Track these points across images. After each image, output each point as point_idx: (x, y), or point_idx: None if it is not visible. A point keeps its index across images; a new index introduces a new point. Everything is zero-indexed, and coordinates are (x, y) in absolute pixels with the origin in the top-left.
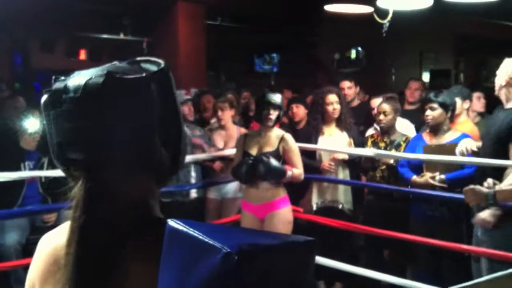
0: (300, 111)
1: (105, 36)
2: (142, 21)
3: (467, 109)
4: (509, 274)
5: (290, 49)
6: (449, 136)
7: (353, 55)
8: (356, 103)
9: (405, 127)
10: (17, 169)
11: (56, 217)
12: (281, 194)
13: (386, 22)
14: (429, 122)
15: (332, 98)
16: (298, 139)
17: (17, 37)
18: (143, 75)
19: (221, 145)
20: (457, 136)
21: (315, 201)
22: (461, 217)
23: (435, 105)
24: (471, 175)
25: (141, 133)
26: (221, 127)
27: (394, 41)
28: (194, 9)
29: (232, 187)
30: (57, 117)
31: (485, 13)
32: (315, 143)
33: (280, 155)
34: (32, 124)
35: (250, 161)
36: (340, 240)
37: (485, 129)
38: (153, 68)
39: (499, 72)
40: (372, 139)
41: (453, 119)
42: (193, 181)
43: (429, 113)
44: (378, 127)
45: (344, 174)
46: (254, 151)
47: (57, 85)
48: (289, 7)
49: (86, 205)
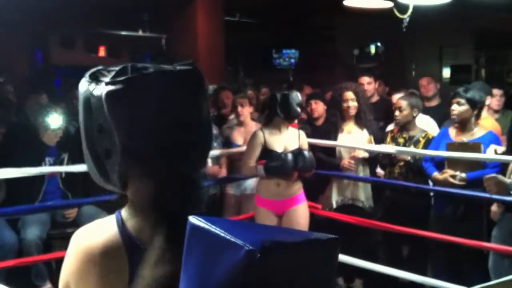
0: (319, 107)
1: (124, 32)
2: (160, 17)
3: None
4: None
5: (308, 45)
6: (476, 133)
7: (372, 50)
8: (375, 98)
9: (425, 124)
10: (38, 165)
11: (77, 212)
12: (300, 189)
13: (406, 17)
14: (454, 117)
15: (349, 95)
16: (317, 136)
17: (37, 33)
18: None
19: (241, 141)
20: (483, 134)
21: (335, 199)
22: (481, 215)
23: (463, 101)
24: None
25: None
26: (240, 123)
27: (414, 36)
28: (213, 5)
29: (251, 183)
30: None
31: (506, 7)
32: (334, 139)
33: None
34: (55, 120)
35: (290, 155)
36: (359, 237)
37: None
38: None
39: None
40: (392, 135)
41: (479, 116)
42: None
43: (455, 107)
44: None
45: (364, 173)
46: (279, 147)
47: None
48: (307, 2)
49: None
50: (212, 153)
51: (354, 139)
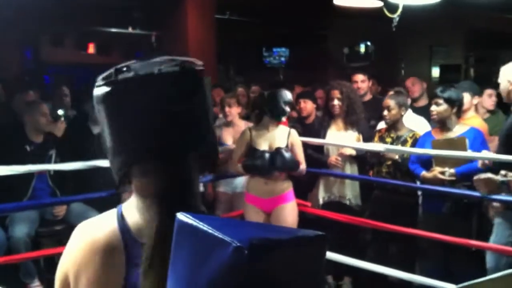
0: (307, 106)
1: (114, 30)
2: (151, 15)
3: (476, 105)
4: None
5: (299, 43)
6: (457, 131)
7: (362, 49)
8: (368, 97)
9: (418, 124)
10: (25, 162)
11: (66, 210)
12: (289, 187)
13: (396, 16)
14: (434, 117)
15: (335, 94)
16: (307, 134)
17: (28, 31)
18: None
19: (230, 141)
20: (465, 130)
21: (321, 196)
22: (471, 213)
23: (440, 101)
24: (480, 169)
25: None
26: (228, 123)
27: (404, 36)
28: (204, 3)
29: (241, 181)
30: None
31: (496, 7)
32: (323, 138)
33: (289, 150)
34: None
35: (267, 155)
36: (347, 235)
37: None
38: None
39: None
40: (379, 134)
41: (460, 114)
42: None
43: (434, 108)
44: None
45: (351, 170)
46: (264, 146)
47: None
48: (298, 1)
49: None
50: None
51: (342, 137)
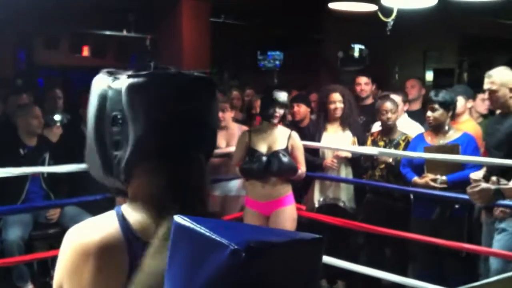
0: (301, 109)
1: (108, 32)
2: (145, 17)
3: (470, 109)
4: None
5: (293, 47)
6: (451, 136)
7: (356, 53)
8: (370, 100)
9: (413, 130)
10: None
11: (60, 213)
12: (288, 191)
13: (390, 20)
14: (430, 123)
15: (336, 97)
16: (302, 137)
17: (22, 33)
18: None
19: (223, 144)
20: (458, 136)
21: (317, 198)
22: (462, 216)
23: (436, 105)
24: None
25: None
26: (221, 127)
27: (398, 40)
28: (199, 6)
29: (235, 184)
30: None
31: (490, 12)
32: (318, 141)
33: (289, 153)
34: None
35: (264, 158)
36: (341, 238)
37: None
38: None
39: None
40: (372, 138)
41: (454, 117)
42: None
43: (430, 114)
44: (381, 126)
45: (346, 172)
46: (262, 148)
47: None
48: (292, 5)
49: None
50: None
51: (338, 140)
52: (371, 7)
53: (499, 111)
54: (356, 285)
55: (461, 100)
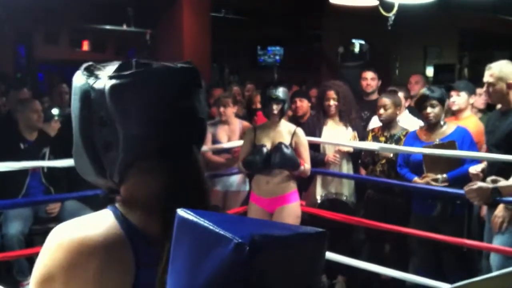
0: (304, 104)
1: (108, 27)
2: (145, 12)
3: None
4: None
5: (293, 42)
6: (445, 131)
7: (356, 48)
8: (375, 96)
9: (413, 124)
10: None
11: (60, 208)
12: (292, 188)
13: (391, 15)
14: (431, 119)
15: (330, 94)
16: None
17: (21, 28)
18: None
19: (225, 139)
20: (453, 130)
21: (319, 194)
22: (462, 212)
23: (434, 102)
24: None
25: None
26: (223, 122)
27: (399, 35)
28: (199, 0)
29: (236, 179)
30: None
31: (491, 8)
32: (318, 136)
33: (293, 149)
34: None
35: (266, 149)
36: (342, 234)
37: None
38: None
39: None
40: (373, 134)
41: (455, 113)
42: None
43: (430, 110)
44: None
45: (348, 167)
46: (267, 144)
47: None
48: (293, 0)
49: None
50: None
51: (338, 135)
52: (372, 2)
53: (499, 107)
54: (356, 281)
55: (463, 96)
